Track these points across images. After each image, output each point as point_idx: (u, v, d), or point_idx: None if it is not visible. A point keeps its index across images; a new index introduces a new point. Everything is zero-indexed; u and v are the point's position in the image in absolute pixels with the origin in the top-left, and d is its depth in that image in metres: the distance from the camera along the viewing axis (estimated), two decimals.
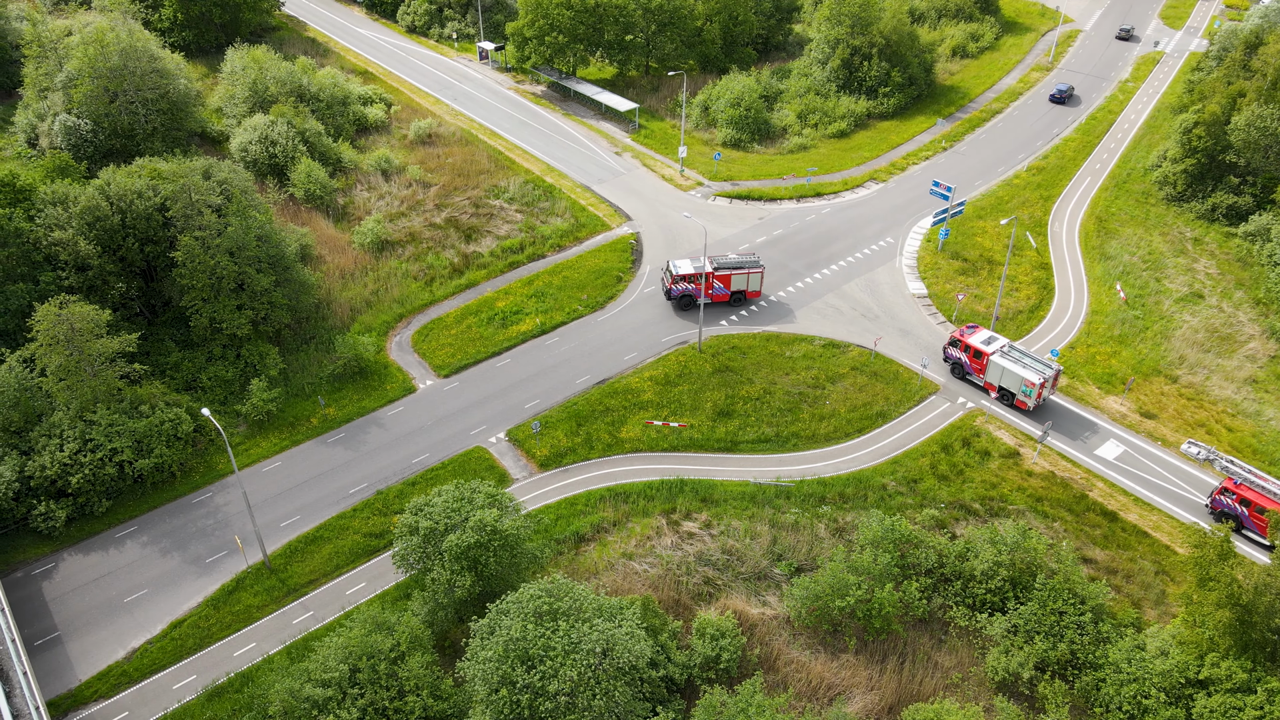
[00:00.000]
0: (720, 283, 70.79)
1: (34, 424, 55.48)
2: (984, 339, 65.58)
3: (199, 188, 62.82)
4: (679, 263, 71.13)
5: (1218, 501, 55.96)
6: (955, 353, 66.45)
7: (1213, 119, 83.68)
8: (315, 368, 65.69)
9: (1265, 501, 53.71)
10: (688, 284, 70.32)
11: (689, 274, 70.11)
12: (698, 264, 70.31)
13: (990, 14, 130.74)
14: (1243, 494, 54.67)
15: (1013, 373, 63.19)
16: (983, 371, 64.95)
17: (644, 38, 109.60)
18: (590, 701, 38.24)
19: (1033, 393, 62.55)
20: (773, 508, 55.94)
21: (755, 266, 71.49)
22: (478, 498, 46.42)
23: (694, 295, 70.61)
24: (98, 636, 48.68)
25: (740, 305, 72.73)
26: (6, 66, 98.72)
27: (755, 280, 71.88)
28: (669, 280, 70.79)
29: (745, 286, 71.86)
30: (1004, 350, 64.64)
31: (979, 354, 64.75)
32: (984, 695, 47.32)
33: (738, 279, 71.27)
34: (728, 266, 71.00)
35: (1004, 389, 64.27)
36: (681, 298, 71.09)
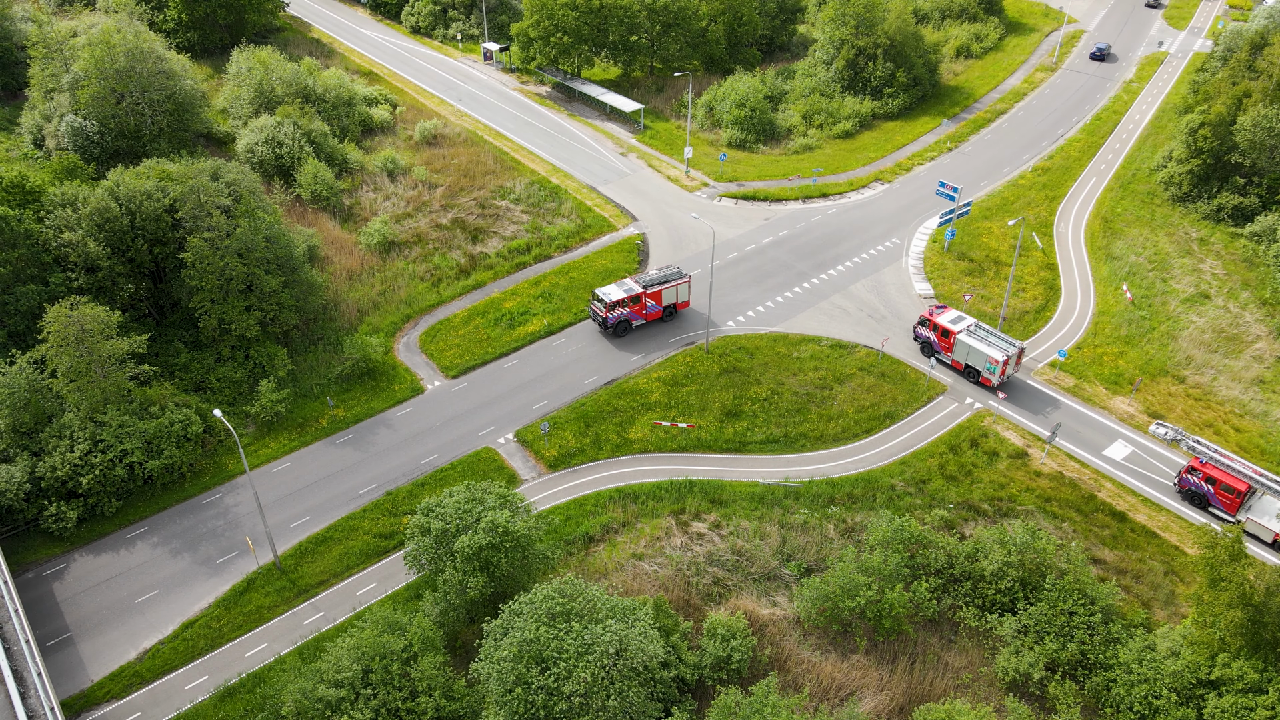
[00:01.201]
0: (653, 300, 69.47)
1: (45, 425, 55.59)
2: (952, 318, 67.32)
3: (208, 189, 62.92)
4: (606, 291, 68.73)
5: (1185, 480, 57.20)
6: (924, 331, 68.30)
7: (1218, 119, 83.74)
8: (323, 369, 65.77)
9: (1230, 479, 55.07)
10: (623, 309, 68.31)
11: (621, 299, 67.91)
12: (626, 287, 68.79)
13: (994, 14, 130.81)
14: (1208, 472, 55.87)
15: (978, 350, 64.91)
16: (950, 349, 66.83)
17: (649, 38, 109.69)
18: (604, 702, 38.33)
19: (996, 369, 64.22)
20: (782, 508, 56.03)
21: (681, 277, 70.53)
22: (489, 499, 46.51)
23: (630, 319, 69.26)
24: (109, 637, 48.79)
25: (673, 319, 71.42)
26: (12, 68, 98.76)
27: (684, 291, 70.83)
28: (602, 309, 68.18)
29: (676, 299, 70.68)
30: (970, 329, 66.43)
31: (946, 332, 66.59)
32: (994, 696, 47.40)
33: (668, 293, 70.01)
34: (656, 283, 69.55)
35: (970, 366, 66.06)
36: (619, 324, 68.95)
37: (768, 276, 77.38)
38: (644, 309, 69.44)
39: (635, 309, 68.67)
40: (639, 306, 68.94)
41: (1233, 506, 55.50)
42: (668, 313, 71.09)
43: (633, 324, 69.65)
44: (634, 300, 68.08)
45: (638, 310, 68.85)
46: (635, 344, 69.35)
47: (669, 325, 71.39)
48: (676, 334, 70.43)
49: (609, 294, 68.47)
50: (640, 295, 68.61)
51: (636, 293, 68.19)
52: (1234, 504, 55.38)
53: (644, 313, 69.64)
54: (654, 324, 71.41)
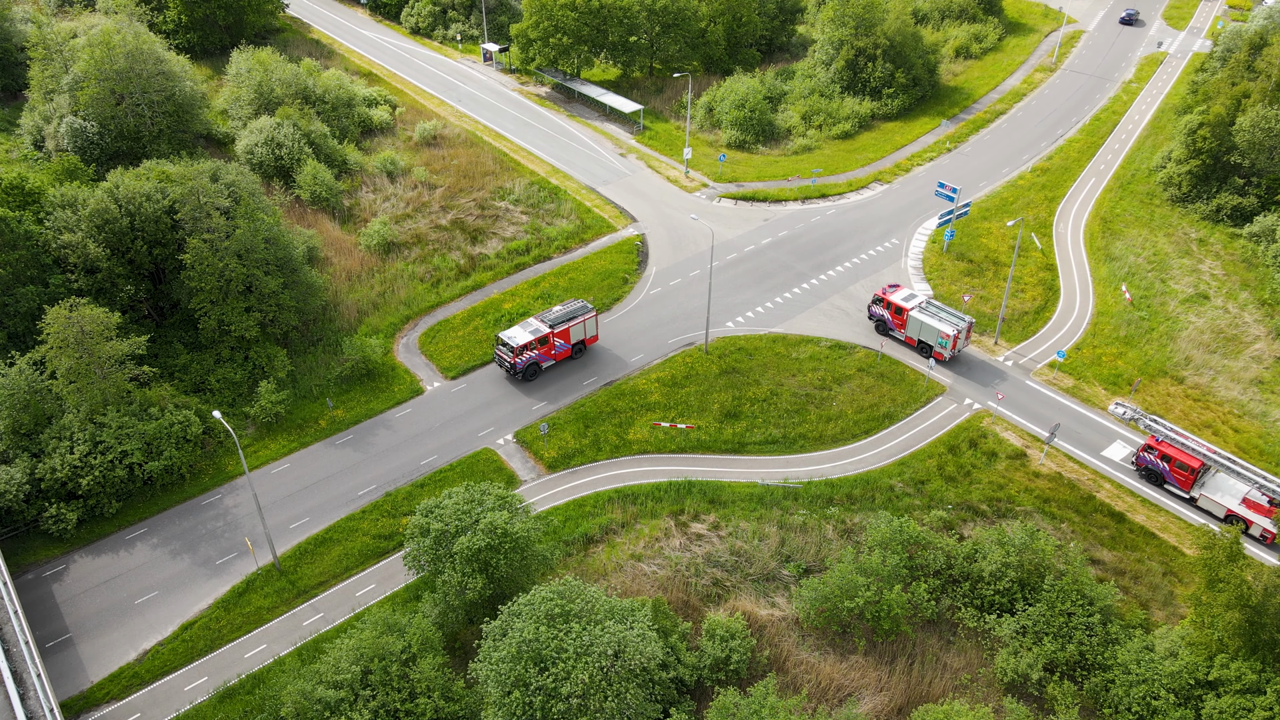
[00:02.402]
0: (561, 339, 65.51)
1: (44, 426, 55.66)
2: (904, 296, 69.29)
3: (207, 190, 62.97)
4: (511, 334, 64.36)
5: (1142, 458, 58.70)
6: (879, 310, 70.14)
7: (1217, 120, 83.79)
8: (323, 369, 65.84)
9: (1184, 457, 56.82)
10: (531, 351, 64.24)
11: (528, 341, 63.72)
12: (532, 328, 64.61)
13: (993, 15, 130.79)
14: (1164, 450, 57.56)
15: (930, 326, 67.12)
16: (903, 326, 68.91)
17: (648, 39, 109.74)
18: (602, 703, 38.39)
19: (947, 344, 66.61)
20: (781, 509, 56.09)
21: (586, 312, 66.68)
22: (488, 500, 46.59)
23: (539, 362, 65.18)
24: (109, 638, 48.85)
25: (582, 355, 67.73)
26: (12, 69, 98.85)
27: (591, 326, 67.04)
28: (509, 355, 63.76)
29: (584, 335, 66.88)
30: (922, 306, 68.57)
31: (900, 310, 68.59)
32: (993, 696, 47.45)
33: (576, 329, 66.15)
34: (563, 320, 65.65)
35: (923, 342, 68.24)
36: (528, 368, 64.81)
37: (767, 277, 77.43)
38: (553, 349, 65.43)
39: (544, 350, 64.78)
40: (547, 347, 64.98)
41: (1187, 483, 57.07)
42: (577, 350, 67.25)
43: (542, 366, 65.67)
44: (542, 341, 64.16)
45: (546, 351, 64.96)
46: (635, 345, 69.40)
47: (668, 325, 71.43)
48: (675, 335, 70.48)
49: (514, 337, 63.97)
50: (548, 335, 64.55)
51: (544, 333, 64.21)
52: (1188, 481, 56.96)
53: (553, 353, 65.63)
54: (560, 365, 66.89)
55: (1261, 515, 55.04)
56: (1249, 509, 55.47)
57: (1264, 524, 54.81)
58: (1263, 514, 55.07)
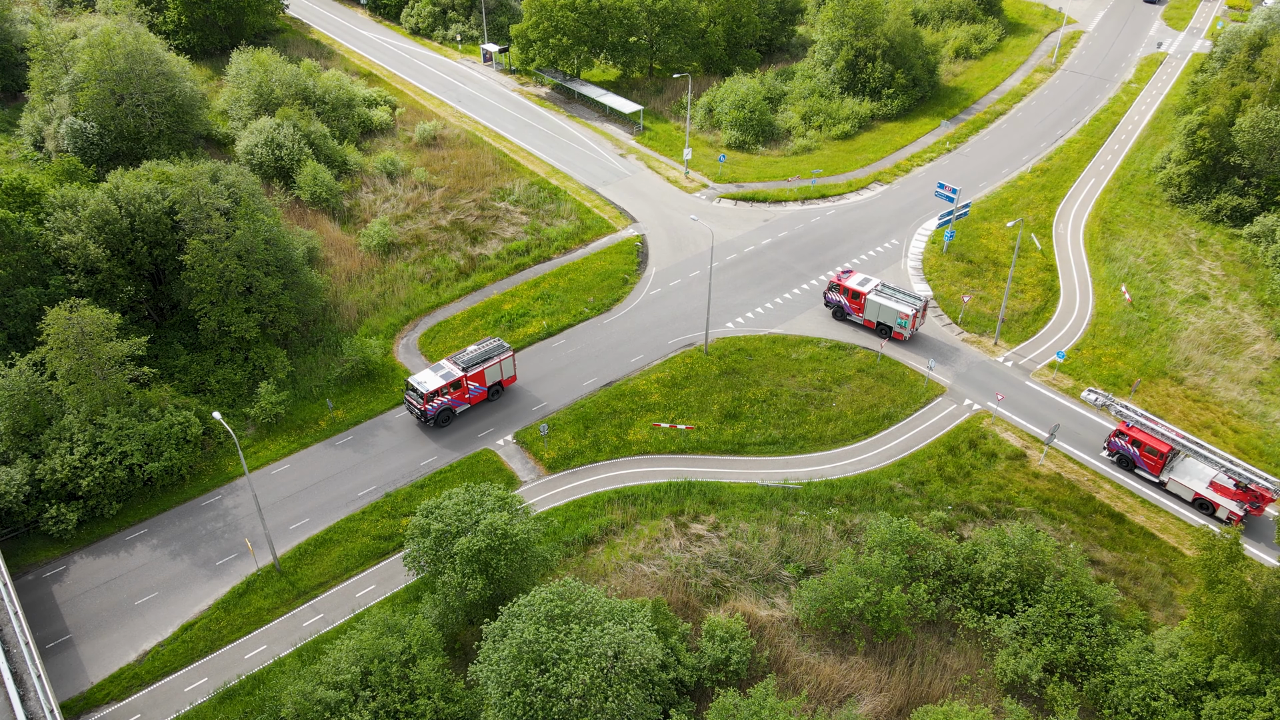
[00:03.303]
0: (475, 382, 62.29)
1: (44, 427, 55.68)
2: (859, 280, 70.98)
3: (207, 191, 63.00)
4: (421, 379, 61.06)
5: (1113, 444, 59.93)
6: (835, 296, 71.66)
7: (1217, 120, 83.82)
8: (323, 370, 65.86)
9: (1154, 442, 57.83)
10: (444, 397, 60.98)
11: (440, 386, 60.49)
12: (444, 372, 61.52)
13: (993, 15, 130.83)
14: (1134, 435, 58.64)
15: (889, 308, 69.01)
16: (861, 310, 70.47)
17: (648, 40, 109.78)
18: (602, 704, 38.41)
19: (906, 324, 68.70)
20: (780, 509, 56.11)
21: (503, 352, 63.37)
22: (488, 500, 46.60)
23: (452, 407, 61.99)
24: (109, 639, 48.88)
25: (499, 397, 64.51)
26: (12, 69, 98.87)
27: (509, 366, 63.85)
28: (419, 401, 60.48)
29: (500, 375, 63.65)
30: (878, 289, 70.18)
31: (856, 294, 70.18)
32: (993, 697, 47.46)
33: (491, 371, 62.87)
34: (477, 361, 62.39)
35: (881, 324, 70.09)
36: (441, 414, 61.61)
37: (767, 278, 77.45)
38: (466, 393, 62.23)
39: (457, 395, 61.59)
40: (460, 391, 61.76)
41: (1156, 468, 58.25)
42: (493, 392, 64.03)
43: (455, 411, 62.50)
44: (455, 385, 61.13)
45: (460, 396, 61.77)
46: (635, 345, 69.42)
47: (668, 325, 71.45)
48: (675, 335, 70.50)
49: (425, 383, 60.72)
50: (461, 379, 61.50)
51: (456, 376, 61.15)
52: (1158, 465, 58.10)
53: (467, 397, 62.41)
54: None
55: (1227, 498, 56.13)
56: (1216, 492, 56.58)
57: (1230, 506, 55.94)
58: (1229, 497, 56.13)
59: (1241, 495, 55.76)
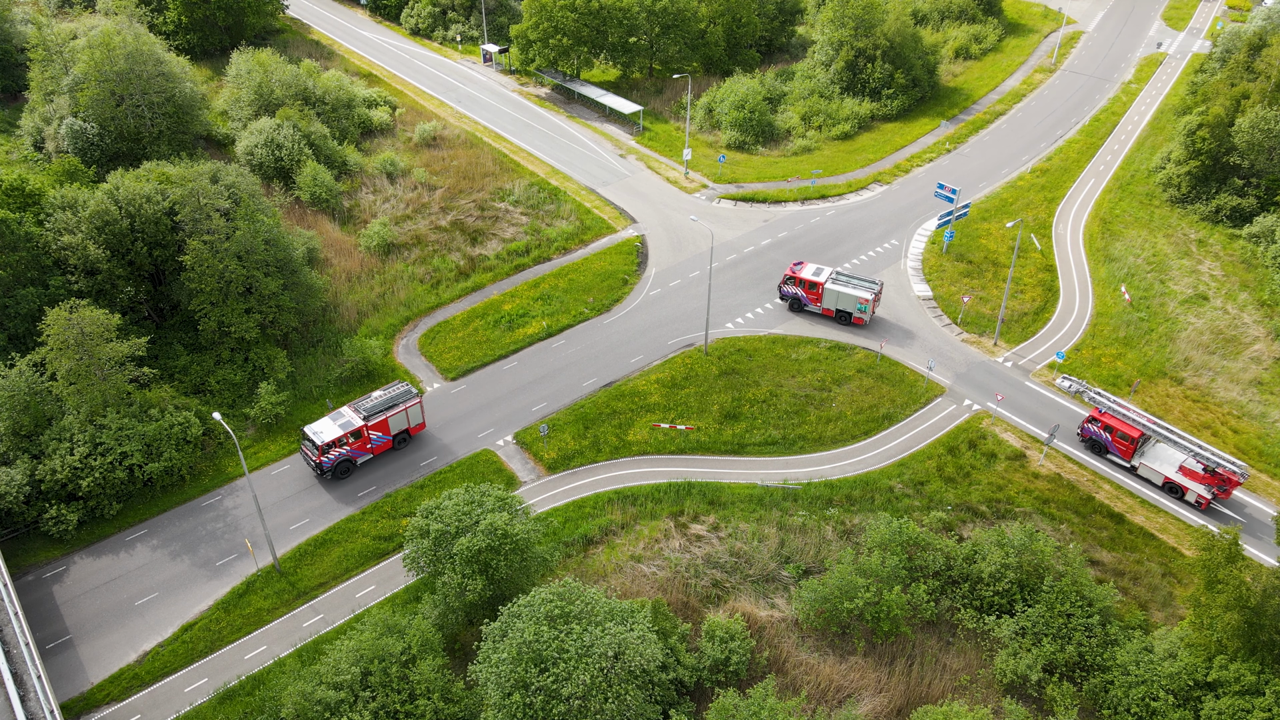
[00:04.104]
0: (378, 431, 58.62)
1: (44, 428, 55.70)
2: (813, 270, 71.93)
3: (207, 192, 63.02)
4: (318, 429, 57.18)
5: (1086, 430, 61.08)
6: (791, 289, 72.33)
7: (1216, 121, 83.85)
8: (323, 371, 65.87)
9: (1125, 428, 59.04)
10: (341, 448, 57.15)
11: (338, 436, 56.75)
12: (343, 421, 57.75)
13: (993, 15, 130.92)
14: (1106, 421, 59.82)
15: (847, 294, 70.19)
16: (819, 299, 71.43)
17: (648, 40, 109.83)
18: (602, 705, 38.42)
19: (867, 309, 70.13)
20: (780, 510, 56.13)
21: (409, 398, 59.54)
22: (488, 501, 46.60)
23: (352, 458, 58.07)
24: (109, 639, 48.89)
25: (405, 445, 60.74)
26: (12, 70, 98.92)
27: (415, 414, 60.07)
28: (315, 453, 56.65)
29: (406, 423, 59.85)
30: (834, 277, 71.27)
31: (814, 284, 70.98)
32: (992, 697, 47.47)
33: (396, 419, 59.16)
34: (380, 409, 58.59)
35: (841, 311, 71.20)
36: (340, 466, 57.75)
37: (767, 278, 77.44)
38: (368, 443, 58.47)
39: (357, 445, 57.80)
40: (362, 442, 58.03)
41: (1128, 453, 59.33)
42: (398, 441, 60.31)
43: (356, 462, 58.69)
44: (355, 435, 57.38)
45: (360, 446, 57.97)
46: (635, 346, 69.44)
47: (668, 326, 71.46)
48: (675, 336, 70.52)
49: (321, 433, 56.95)
50: (362, 429, 57.74)
51: (356, 426, 57.37)
52: (1129, 450, 59.20)
53: (368, 447, 58.67)
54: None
55: (1196, 482, 56.98)
56: (1185, 476, 57.46)
57: (1199, 490, 56.83)
58: (1197, 481, 56.95)
59: (1209, 479, 56.65)
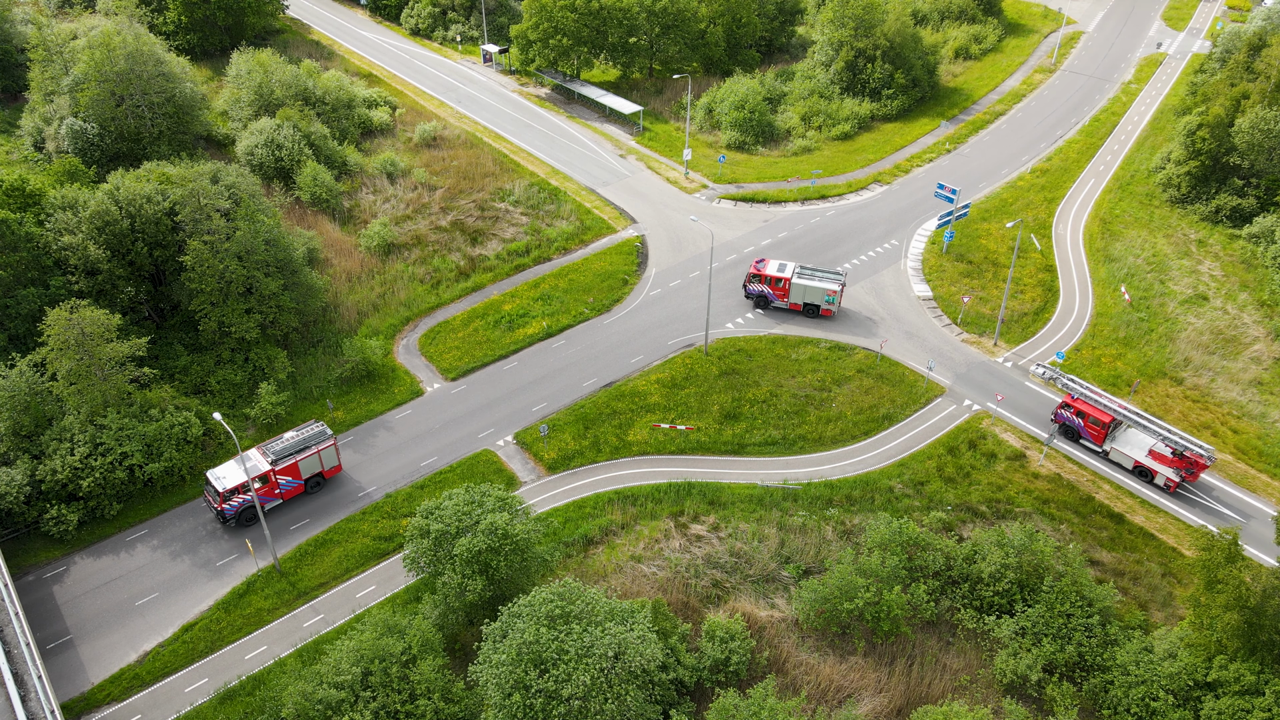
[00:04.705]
0: (288, 475, 55.54)
1: (45, 428, 55.72)
2: (777, 266, 72.05)
3: (207, 192, 63.05)
4: (221, 473, 54.20)
5: (1059, 415, 62.04)
6: (757, 286, 72.32)
7: (1216, 121, 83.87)
8: (323, 371, 65.89)
9: (1097, 413, 60.22)
10: (245, 494, 54.00)
11: (242, 483, 53.63)
12: (249, 464, 54.51)
13: (993, 15, 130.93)
14: (1079, 407, 60.96)
15: (814, 288, 70.75)
16: (786, 295, 71.65)
17: (648, 40, 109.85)
18: (602, 705, 38.44)
19: (835, 300, 70.82)
20: (780, 510, 56.16)
21: (324, 439, 56.39)
22: (488, 501, 46.63)
23: (260, 505, 53.99)
24: (109, 640, 48.92)
25: (320, 489, 57.67)
26: (12, 70, 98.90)
27: (330, 456, 56.99)
28: (216, 501, 53.58)
29: (319, 466, 56.65)
30: (799, 271, 71.59)
31: (779, 280, 71.19)
32: (992, 697, 47.49)
33: (308, 463, 55.95)
34: (290, 452, 55.43)
35: (808, 304, 71.72)
36: (243, 513, 54.65)
37: None
38: (276, 488, 55.40)
39: (264, 490, 54.78)
40: (269, 487, 55.04)
41: (1099, 438, 60.49)
42: (311, 484, 57.09)
43: (264, 509, 55.33)
44: (261, 481, 54.45)
45: (267, 491, 54.92)
46: (635, 346, 69.45)
47: (668, 326, 71.47)
48: (675, 336, 70.55)
49: (224, 478, 53.98)
50: (269, 474, 54.77)
51: (263, 470, 54.42)
52: (1101, 435, 60.36)
53: (277, 492, 55.57)
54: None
55: (1165, 465, 58.02)
56: (1154, 460, 58.50)
57: (1168, 473, 57.89)
58: (1166, 464, 58.00)
59: (1178, 463, 57.60)
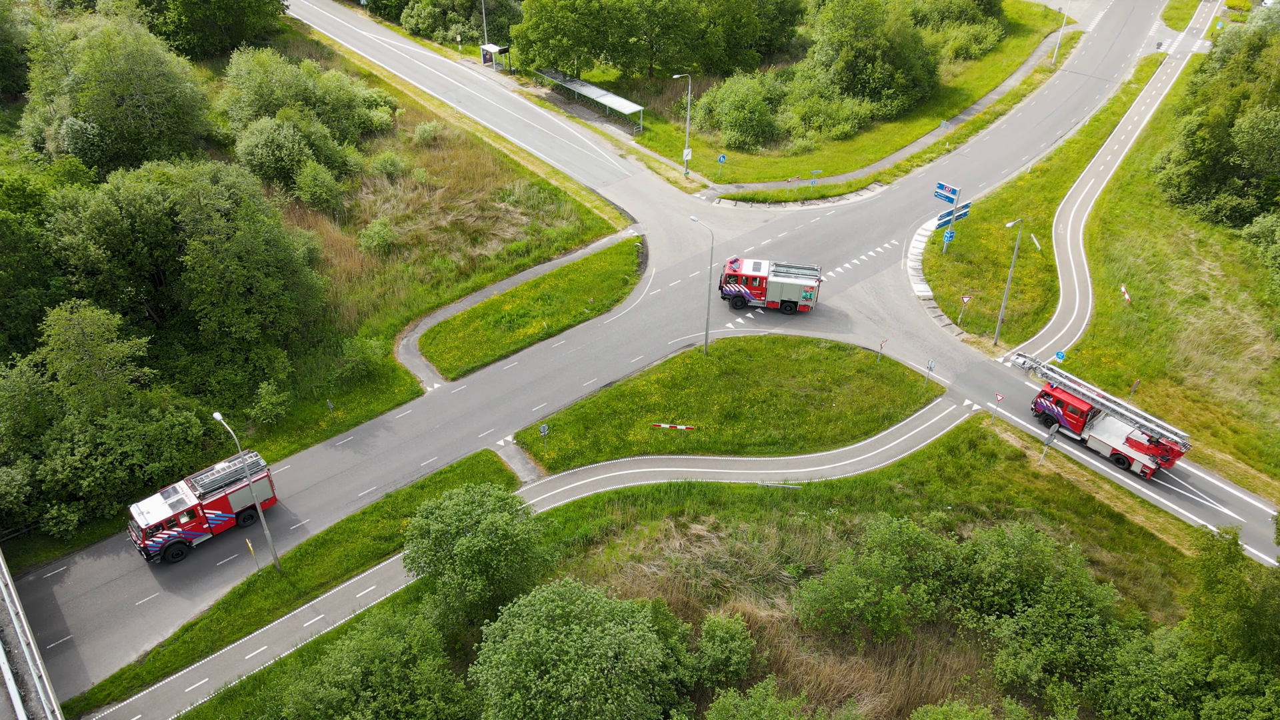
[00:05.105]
0: (217, 509, 53.00)
1: (45, 428, 55.74)
2: (753, 266, 71.97)
3: (207, 192, 63.07)
4: (146, 507, 51.76)
5: (1039, 404, 63.10)
6: (734, 287, 72.12)
7: (1216, 121, 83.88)
8: (323, 371, 65.91)
9: (1075, 401, 61.08)
10: (170, 530, 51.50)
11: (168, 517, 51.23)
12: (174, 499, 52.11)
13: (993, 15, 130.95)
14: (1058, 395, 61.90)
15: (791, 284, 70.92)
16: (764, 293, 71.59)
17: (648, 40, 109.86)
18: (603, 705, 38.46)
19: (812, 296, 71.25)
20: (780, 510, 56.17)
21: (256, 471, 53.45)
22: (488, 501, 46.65)
23: (185, 540, 52.37)
24: (110, 639, 48.94)
25: (253, 523, 54.88)
26: (12, 70, 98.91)
27: (263, 488, 54.37)
28: (139, 537, 51.23)
29: (252, 498, 53.88)
30: (774, 270, 71.65)
31: (757, 279, 71.08)
32: (992, 697, 47.50)
33: (238, 495, 53.43)
34: (220, 485, 52.93)
35: (786, 301, 71.77)
36: (169, 549, 52.11)
37: None
38: (204, 523, 52.71)
39: (192, 525, 52.16)
40: (196, 522, 52.34)
41: (1078, 426, 61.38)
42: (244, 518, 54.48)
43: (191, 544, 52.93)
44: (189, 515, 51.89)
45: (195, 526, 52.31)
46: (635, 346, 69.47)
47: (668, 326, 71.47)
48: (675, 336, 70.55)
49: (148, 513, 51.42)
50: (196, 508, 52.14)
51: (190, 505, 51.76)
52: (1079, 423, 61.26)
53: (205, 527, 52.90)
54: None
55: (1142, 452, 59.00)
56: (1131, 447, 59.42)
57: (1144, 460, 58.86)
58: (1143, 451, 58.96)
59: (1154, 450, 58.45)
